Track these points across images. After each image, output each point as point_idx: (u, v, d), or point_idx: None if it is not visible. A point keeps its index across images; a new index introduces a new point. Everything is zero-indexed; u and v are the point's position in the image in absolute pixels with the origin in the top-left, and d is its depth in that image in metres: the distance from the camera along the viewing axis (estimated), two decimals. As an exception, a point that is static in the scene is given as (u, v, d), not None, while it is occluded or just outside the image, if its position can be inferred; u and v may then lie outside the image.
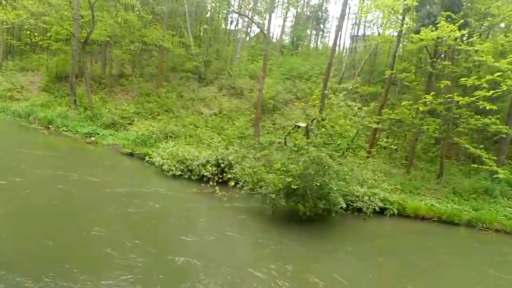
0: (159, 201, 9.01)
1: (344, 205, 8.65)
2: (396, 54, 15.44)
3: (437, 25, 11.46)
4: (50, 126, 16.72)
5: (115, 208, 7.96)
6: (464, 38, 13.33)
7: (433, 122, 12.77)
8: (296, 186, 8.18)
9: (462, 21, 11.32)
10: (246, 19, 27.05)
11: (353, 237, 8.58)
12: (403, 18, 14.61)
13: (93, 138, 15.39)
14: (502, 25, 16.60)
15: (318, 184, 8.09)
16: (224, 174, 11.05)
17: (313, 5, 35.49)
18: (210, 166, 11.31)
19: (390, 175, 12.30)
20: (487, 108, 10.35)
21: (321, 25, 34.66)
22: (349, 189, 9.59)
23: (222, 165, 11.42)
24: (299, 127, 13.02)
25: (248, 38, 32.21)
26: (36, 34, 24.38)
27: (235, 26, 31.21)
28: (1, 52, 26.70)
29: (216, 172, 11.19)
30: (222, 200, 9.63)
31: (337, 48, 24.27)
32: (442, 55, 13.52)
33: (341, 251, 7.50)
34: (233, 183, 10.34)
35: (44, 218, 6.85)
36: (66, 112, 17.96)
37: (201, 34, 30.25)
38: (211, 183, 10.72)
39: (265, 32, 17.60)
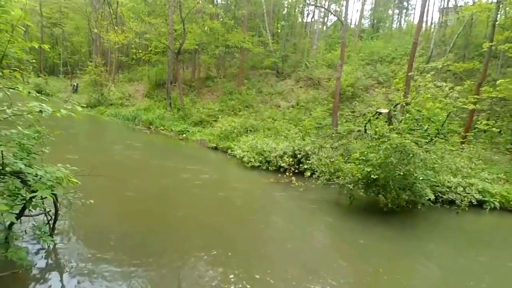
0: (238, 188, 9.61)
1: (432, 197, 7.80)
2: (497, 23, 13.09)
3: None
4: (151, 126, 19.31)
5: (204, 191, 8.83)
6: None
7: (549, 98, 10.47)
8: (377, 176, 7.70)
9: None
10: (323, 10, 26.37)
11: (442, 232, 7.59)
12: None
13: (184, 135, 17.20)
14: None
15: (402, 173, 7.47)
16: (300, 165, 11.14)
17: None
18: (287, 157, 11.54)
19: (491, 162, 10.55)
20: None
21: (405, 3, 31.41)
22: (439, 179, 8.60)
23: (298, 156, 11.54)
24: (380, 113, 12.19)
25: (325, 28, 31.37)
26: (140, 50, 28.24)
27: (312, 18, 30.77)
28: (114, 68, 31.82)
29: (293, 162, 11.35)
30: (298, 190, 9.67)
31: (423, 25, 21.76)
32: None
33: (427, 248, 6.66)
34: (309, 174, 10.34)
35: (154, 197, 7.90)
36: (163, 114, 20.44)
37: (279, 31, 30.71)
38: (287, 173, 10.95)
39: (342, 19, 16.92)
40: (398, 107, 12.10)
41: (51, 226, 5.02)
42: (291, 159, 11.48)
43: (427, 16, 26.35)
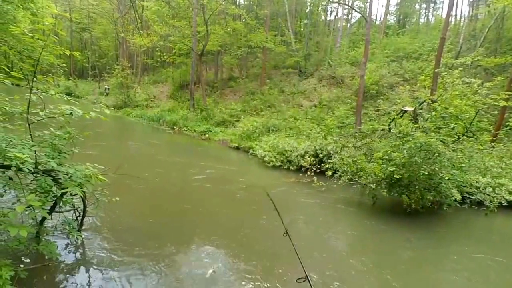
0: (258, 187, 9.51)
1: (459, 197, 7.51)
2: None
3: None
4: (174, 127, 19.80)
5: (222, 189, 8.93)
6: None
7: None
8: (400, 176, 7.55)
9: None
10: (346, 7, 25.97)
11: (469, 235, 7.30)
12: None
13: (207, 135, 17.51)
14: None
15: (426, 173, 7.28)
16: (322, 164, 11.06)
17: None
18: (308, 157, 11.48)
19: (524, 161, 9.96)
20: None
21: (433, -3, 30.18)
22: (466, 179, 8.27)
23: (320, 155, 11.46)
24: (405, 111, 11.91)
25: (348, 25, 30.84)
26: (164, 53, 29.03)
27: (335, 16, 30.32)
28: (139, 70, 32.87)
29: (314, 162, 11.29)
30: (319, 190, 9.58)
31: (452, 19, 20.94)
32: None
33: (453, 251, 6.38)
34: (330, 173, 10.23)
35: (174, 194, 8.09)
36: (186, 115, 20.89)
37: (302, 29, 30.53)
38: (309, 173, 10.90)
39: (366, 16, 16.61)
40: (424, 105, 11.74)
41: (80, 222, 5.27)
42: (312, 159, 11.42)
43: (456, 10, 25.40)
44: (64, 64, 6.06)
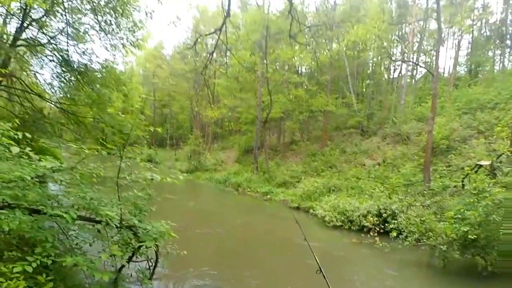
0: (316, 246, 9.23)
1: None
2: None
3: None
4: (239, 188, 20.70)
5: (281, 247, 9.00)
6: None
7: None
8: (475, 236, 6.83)
9: None
10: (411, 63, 25.77)
11: None
12: None
13: (268, 196, 17.87)
14: None
15: (508, 232, 6.39)
16: (386, 224, 10.34)
17: (493, 22, 29.70)
18: (371, 216, 10.96)
19: None
20: None
21: (508, 41, 27.99)
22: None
23: (384, 215, 10.85)
24: (481, 166, 10.88)
25: (413, 81, 30.09)
26: (231, 122, 31.71)
27: (399, 73, 29.95)
28: (210, 138, 35.99)
29: (378, 222, 10.67)
30: (382, 251, 8.85)
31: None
32: None
33: None
34: (395, 234, 9.46)
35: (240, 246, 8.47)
36: (250, 177, 21.76)
37: (364, 90, 30.71)
38: (371, 233, 10.29)
39: (433, 71, 16.28)
40: (502, 157, 10.60)
41: (151, 271, 5.71)
42: (375, 219, 10.84)
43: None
44: (147, 136, 7.23)
